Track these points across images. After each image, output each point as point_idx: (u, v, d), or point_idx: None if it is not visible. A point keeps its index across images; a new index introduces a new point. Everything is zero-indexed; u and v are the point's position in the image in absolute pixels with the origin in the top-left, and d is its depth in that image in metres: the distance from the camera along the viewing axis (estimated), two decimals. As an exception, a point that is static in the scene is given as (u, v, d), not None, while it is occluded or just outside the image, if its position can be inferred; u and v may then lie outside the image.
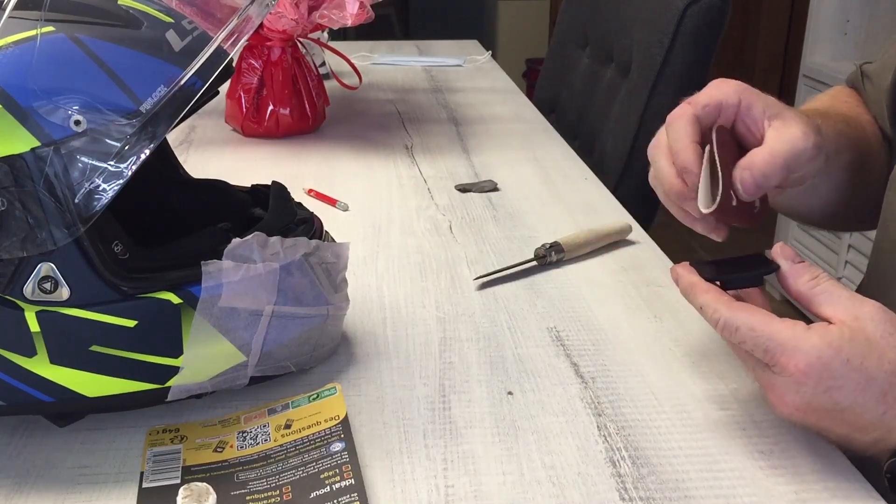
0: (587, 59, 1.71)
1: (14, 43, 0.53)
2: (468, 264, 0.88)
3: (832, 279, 0.56)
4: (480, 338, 0.73)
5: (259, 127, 1.32)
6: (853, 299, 0.54)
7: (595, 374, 0.68)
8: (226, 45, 0.57)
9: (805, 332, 0.53)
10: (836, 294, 0.55)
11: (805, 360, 0.52)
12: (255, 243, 0.60)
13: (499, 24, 4.21)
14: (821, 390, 0.52)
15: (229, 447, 0.58)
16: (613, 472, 0.57)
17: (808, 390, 0.52)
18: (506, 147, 1.29)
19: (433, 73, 1.81)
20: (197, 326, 0.58)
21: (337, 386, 0.62)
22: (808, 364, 0.52)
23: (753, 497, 0.54)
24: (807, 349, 0.52)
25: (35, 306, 0.54)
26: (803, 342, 0.52)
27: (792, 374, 0.52)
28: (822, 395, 0.52)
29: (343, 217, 1.01)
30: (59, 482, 0.56)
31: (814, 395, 0.52)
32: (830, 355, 0.51)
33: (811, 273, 0.56)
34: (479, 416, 0.62)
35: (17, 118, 0.51)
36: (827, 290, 0.55)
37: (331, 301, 0.65)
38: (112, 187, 0.52)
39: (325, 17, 1.22)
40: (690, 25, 1.34)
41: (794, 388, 0.53)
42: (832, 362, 0.51)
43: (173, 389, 0.59)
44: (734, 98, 0.64)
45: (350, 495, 0.52)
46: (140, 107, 0.53)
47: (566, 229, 0.93)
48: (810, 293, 0.55)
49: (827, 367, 0.51)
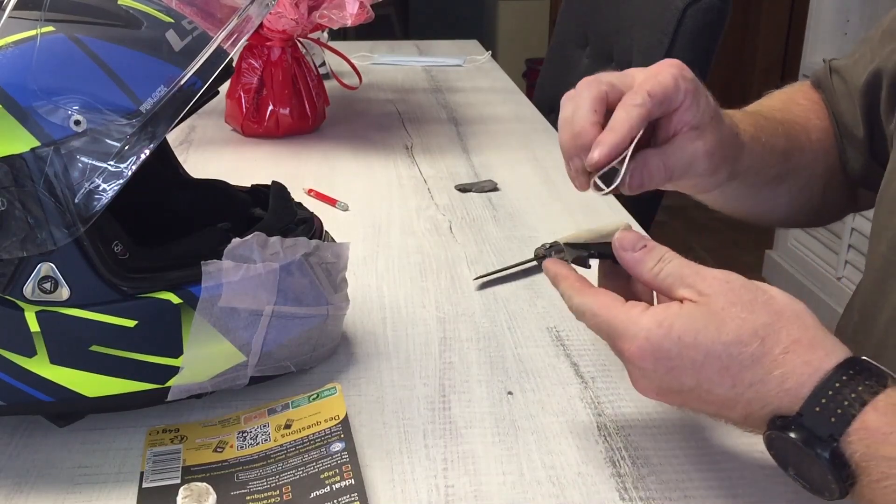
0: (587, 59, 1.71)
1: (14, 43, 0.53)
2: (468, 264, 0.88)
3: (678, 257, 0.54)
4: (480, 338, 0.74)
5: (259, 127, 1.32)
6: (697, 274, 0.52)
7: (595, 374, 0.68)
8: (226, 45, 0.57)
9: (639, 314, 0.51)
10: (679, 274, 0.53)
11: (636, 343, 0.50)
12: (255, 243, 0.60)
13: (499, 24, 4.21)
14: (662, 371, 0.50)
15: (229, 447, 0.58)
16: (613, 472, 0.57)
17: (650, 374, 0.51)
18: (506, 147, 1.29)
19: (433, 73, 1.81)
20: (197, 326, 0.58)
21: (337, 386, 0.62)
22: (639, 347, 0.50)
23: (753, 497, 0.54)
24: (635, 332, 0.51)
25: (35, 306, 0.54)
26: (633, 325, 0.51)
27: (630, 359, 0.51)
28: (665, 377, 0.50)
29: (343, 217, 1.01)
30: (59, 482, 0.56)
31: (658, 377, 0.51)
32: (660, 335, 0.50)
33: (653, 258, 0.54)
34: (479, 416, 0.62)
35: (17, 118, 0.51)
36: (672, 273, 0.53)
37: (331, 301, 0.65)
38: (112, 187, 0.52)
39: (325, 17, 1.22)
40: (690, 25, 1.34)
41: (638, 372, 0.52)
42: (663, 342, 0.50)
43: (173, 389, 0.59)
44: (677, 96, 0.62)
45: (350, 495, 0.52)
46: (140, 107, 0.53)
47: (566, 229, 0.92)
48: (657, 281, 0.54)
49: (659, 348, 0.50)
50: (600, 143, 0.59)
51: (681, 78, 0.62)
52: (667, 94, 0.61)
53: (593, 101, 0.61)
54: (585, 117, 0.61)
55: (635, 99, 0.60)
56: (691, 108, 0.63)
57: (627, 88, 0.62)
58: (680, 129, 0.63)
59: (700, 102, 0.63)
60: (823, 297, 2.41)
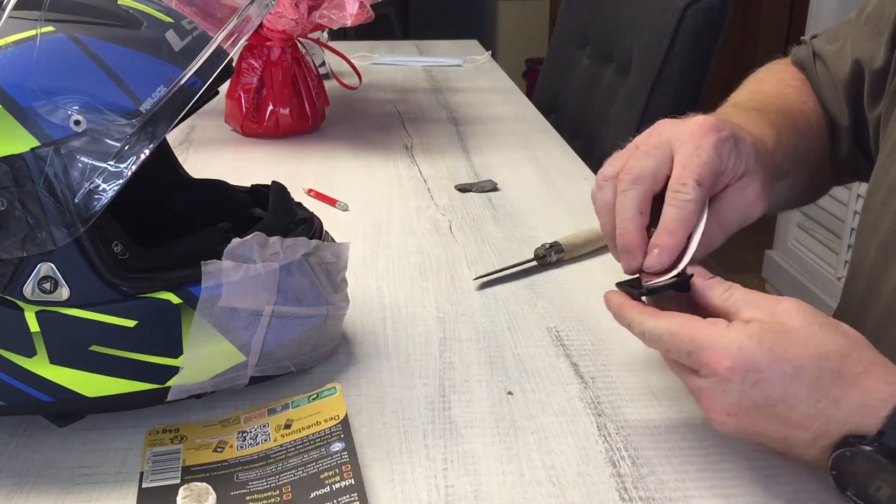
0: (587, 59, 1.70)
1: (14, 43, 0.53)
2: (468, 264, 0.88)
3: (744, 289, 0.56)
4: (480, 338, 0.73)
5: (259, 127, 1.32)
6: (767, 299, 0.54)
7: (595, 374, 0.68)
8: (226, 45, 0.57)
9: (725, 328, 0.52)
10: (750, 298, 0.54)
11: (727, 353, 0.51)
12: (255, 243, 0.60)
13: (499, 24, 4.21)
14: (749, 384, 0.50)
15: (229, 447, 0.58)
16: (613, 472, 0.57)
17: (735, 387, 0.51)
18: (506, 147, 1.29)
19: (433, 73, 1.80)
20: (197, 326, 0.58)
21: (337, 386, 0.62)
22: (731, 357, 0.50)
23: (753, 497, 0.54)
24: (726, 343, 0.51)
25: (35, 306, 0.54)
26: (722, 338, 0.51)
27: (717, 372, 0.51)
28: (751, 390, 0.50)
29: (343, 217, 1.01)
30: (59, 482, 0.56)
31: (742, 391, 0.51)
32: (752, 346, 0.50)
33: (723, 285, 0.56)
34: (479, 416, 0.62)
35: (16, 118, 0.51)
36: (741, 298, 0.55)
37: (331, 301, 0.65)
38: (112, 187, 0.52)
39: (325, 17, 1.22)
40: (690, 26, 1.34)
41: (721, 387, 0.51)
42: (755, 353, 0.50)
43: (173, 389, 0.59)
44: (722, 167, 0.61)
45: (350, 495, 0.52)
46: (140, 107, 0.53)
47: (566, 229, 0.93)
48: (726, 304, 0.55)
49: (750, 359, 0.50)
50: (660, 249, 0.58)
51: (720, 144, 0.60)
52: (714, 173, 0.60)
53: (640, 202, 0.60)
54: (632, 220, 0.60)
55: (686, 193, 0.58)
56: (735, 164, 0.61)
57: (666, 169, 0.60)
58: (728, 182, 0.62)
59: (742, 151, 0.62)
60: (823, 297, 2.41)
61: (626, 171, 0.61)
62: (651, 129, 0.64)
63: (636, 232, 0.60)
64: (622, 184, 0.61)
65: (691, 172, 0.59)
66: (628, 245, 0.60)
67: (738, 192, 0.62)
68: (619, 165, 0.62)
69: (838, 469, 0.51)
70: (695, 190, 0.59)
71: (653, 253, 0.59)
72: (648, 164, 0.61)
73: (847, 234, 2.30)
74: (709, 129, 0.61)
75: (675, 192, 0.59)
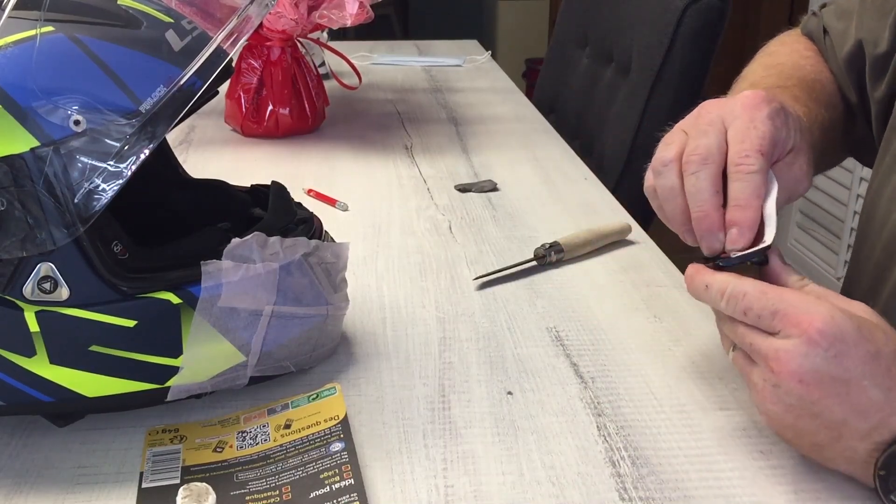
0: (587, 59, 1.70)
1: (14, 43, 0.53)
2: (468, 264, 0.88)
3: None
4: (480, 338, 0.73)
5: (259, 127, 1.32)
6: (841, 297, 0.54)
7: (595, 374, 0.68)
8: (225, 45, 0.57)
9: (816, 298, 0.52)
10: (825, 291, 0.55)
11: (819, 317, 0.50)
12: (255, 243, 0.60)
13: (499, 24, 4.21)
14: (832, 354, 0.50)
15: (229, 447, 0.58)
16: (613, 472, 0.57)
17: (819, 353, 0.50)
18: (505, 147, 1.29)
19: (433, 73, 1.80)
20: (196, 326, 0.58)
21: (337, 386, 0.62)
22: (823, 321, 0.50)
23: (753, 497, 0.54)
24: (819, 309, 0.51)
25: (35, 306, 0.54)
26: (815, 304, 0.51)
27: (805, 332, 0.50)
28: (832, 361, 0.50)
29: (343, 217, 1.01)
30: (59, 482, 0.56)
31: (824, 359, 0.50)
32: (842, 319, 0.50)
33: (799, 275, 0.56)
34: (479, 416, 0.62)
35: (16, 118, 0.51)
36: (816, 289, 0.55)
37: (330, 301, 0.65)
38: (112, 187, 0.52)
39: (325, 17, 1.22)
40: (690, 26, 1.34)
41: (804, 349, 0.50)
42: (844, 325, 0.50)
43: (173, 389, 0.59)
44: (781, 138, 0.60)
45: (350, 495, 0.52)
46: (140, 107, 0.53)
47: (566, 229, 0.93)
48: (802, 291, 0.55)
49: (840, 329, 0.50)
50: (739, 226, 0.57)
51: (774, 115, 0.59)
52: (774, 143, 0.59)
53: (714, 181, 0.58)
54: (709, 201, 0.58)
55: (751, 165, 0.57)
56: (787, 137, 0.61)
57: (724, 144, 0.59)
58: (779, 156, 0.61)
59: (790, 124, 0.61)
60: (823, 297, 2.41)
61: (690, 153, 0.59)
62: (696, 110, 0.63)
63: (716, 212, 0.58)
64: (691, 166, 0.59)
65: (752, 144, 0.58)
66: (711, 227, 0.58)
67: (787, 167, 0.61)
68: (677, 149, 0.60)
69: (888, 469, 0.50)
70: (758, 160, 0.57)
71: (732, 232, 0.57)
72: (711, 141, 0.59)
73: (847, 234, 2.30)
74: (760, 100, 0.60)
75: (738, 165, 0.58)
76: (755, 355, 0.53)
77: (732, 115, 0.60)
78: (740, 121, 0.59)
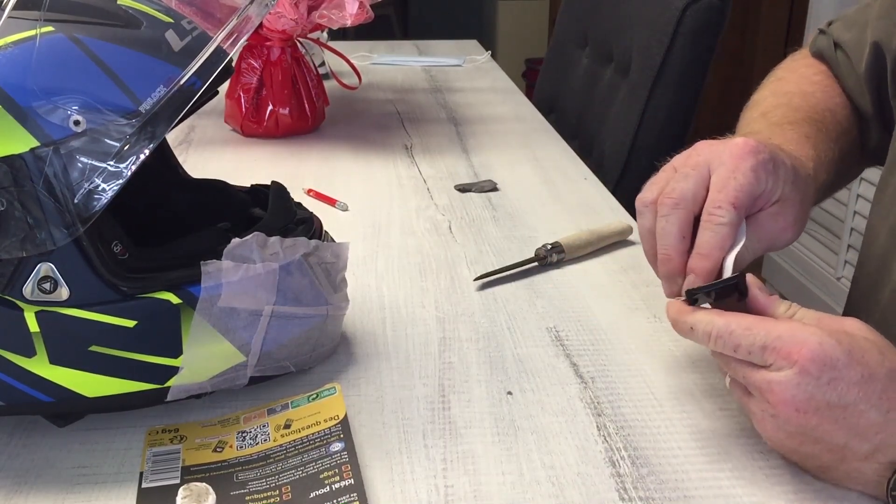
0: (587, 59, 1.71)
1: (13, 43, 0.53)
2: (468, 264, 0.88)
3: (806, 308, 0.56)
4: (480, 338, 0.73)
5: (258, 127, 1.32)
6: (832, 317, 0.54)
7: (595, 374, 0.68)
8: (225, 45, 0.57)
9: (802, 326, 0.52)
10: (815, 315, 0.54)
11: (808, 347, 0.50)
12: (255, 243, 0.60)
13: (499, 24, 4.21)
14: (824, 381, 0.50)
15: (229, 447, 0.58)
16: (613, 472, 0.57)
17: (811, 381, 0.50)
18: (505, 147, 1.29)
19: (433, 73, 1.81)
20: (196, 326, 0.58)
21: (336, 386, 0.62)
22: (811, 350, 0.50)
23: (753, 497, 0.54)
24: (805, 336, 0.51)
25: (34, 306, 0.54)
26: (802, 333, 0.51)
27: (796, 362, 0.50)
28: (825, 388, 0.50)
29: (343, 217, 1.01)
30: (59, 482, 0.56)
31: (818, 387, 0.50)
32: (832, 344, 0.50)
33: (784, 303, 0.56)
34: (479, 416, 0.62)
35: (16, 118, 0.51)
36: (806, 316, 0.55)
37: (330, 301, 0.65)
38: (112, 187, 0.52)
39: (325, 17, 1.22)
40: (690, 25, 1.34)
41: (796, 380, 0.50)
42: (834, 351, 0.50)
43: (173, 389, 0.59)
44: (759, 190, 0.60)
45: (349, 495, 0.52)
46: (140, 107, 0.53)
47: (566, 229, 0.93)
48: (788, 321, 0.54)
49: (830, 355, 0.50)
50: (694, 273, 0.58)
51: (759, 167, 0.60)
52: (751, 196, 0.59)
53: (682, 226, 0.60)
54: (674, 246, 0.60)
55: (721, 217, 0.58)
56: (772, 188, 0.61)
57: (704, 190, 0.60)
58: (762, 206, 0.61)
59: (780, 176, 0.61)
60: (823, 297, 2.41)
61: (665, 195, 0.61)
62: (689, 149, 0.64)
63: (679, 258, 0.60)
64: (663, 208, 0.60)
65: (727, 196, 0.58)
66: (671, 271, 0.60)
67: (770, 218, 0.61)
68: (658, 190, 0.62)
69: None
70: (729, 213, 0.58)
71: (689, 278, 0.59)
72: (688, 186, 0.60)
73: (847, 234, 2.30)
74: (748, 151, 0.60)
75: (710, 214, 0.59)
76: (751, 388, 0.54)
77: (719, 160, 0.61)
78: (724, 168, 0.60)
